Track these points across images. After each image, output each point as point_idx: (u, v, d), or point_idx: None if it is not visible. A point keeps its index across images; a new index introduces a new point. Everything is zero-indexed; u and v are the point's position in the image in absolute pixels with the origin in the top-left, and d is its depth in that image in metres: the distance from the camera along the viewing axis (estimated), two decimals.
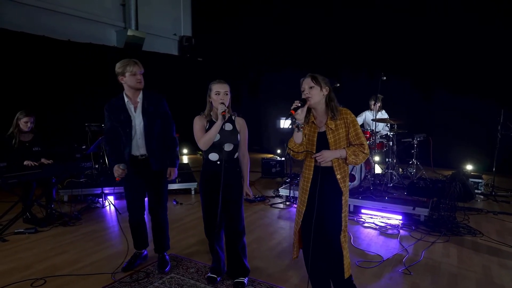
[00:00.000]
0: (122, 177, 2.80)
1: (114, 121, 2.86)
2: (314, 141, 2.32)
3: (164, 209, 3.08)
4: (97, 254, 3.37)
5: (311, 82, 2.28)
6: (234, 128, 2.65)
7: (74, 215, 4.37)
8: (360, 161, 2.28)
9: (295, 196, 5.09)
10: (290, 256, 3.35)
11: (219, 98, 2.55)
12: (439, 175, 6.54)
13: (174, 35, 10.20)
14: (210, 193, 2.65)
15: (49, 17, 7.13)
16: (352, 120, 2.30)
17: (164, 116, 2.97)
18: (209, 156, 2.64)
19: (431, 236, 3.84)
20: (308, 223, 2.36)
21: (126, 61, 2.79)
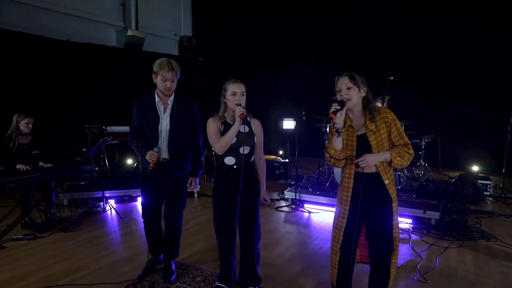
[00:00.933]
0: (157, 160, 2.63)
1: (141, 118, 2.75)
2: (353, 146, 2.16)
3: (180, 216, 2.95)
4: (99, 262, 3.23)
5: (349, 82, 2.10)
6: (250, 130, 2.50)
7: (74, 220, 4.23)
8: (406, 163, 2.12)
9: (301, 199, 4.97)
10: (300, 263, 3.23)
11: (235, 99, 2.41)
12: (445, 176, 6.43)
13: (174, 35, 10.07)
14: (227, 200, 2.50)
15: (48, 17, 6.99)
16: (393, 118, 2.14)
17: (193, 122, 2.84)
18: (225, 160, 2.49)
19: (444, 240, 3.72)
20: (352, 238, 2.20)
21: (164, 63, 2.61)
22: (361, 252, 2.40)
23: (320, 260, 3.30)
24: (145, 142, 2.74)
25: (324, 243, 3.72)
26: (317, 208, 4.85)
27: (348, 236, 2.21)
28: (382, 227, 2.19)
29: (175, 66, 2.65)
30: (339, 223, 2.24)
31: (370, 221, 2.23)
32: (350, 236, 2.20)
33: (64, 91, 6.74)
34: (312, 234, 3.97)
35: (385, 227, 2.17)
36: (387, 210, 2.16)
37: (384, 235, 2.18)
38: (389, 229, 2.18)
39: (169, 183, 2.79)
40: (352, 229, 2.19)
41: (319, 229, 4.15)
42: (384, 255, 2.20)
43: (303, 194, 4.98)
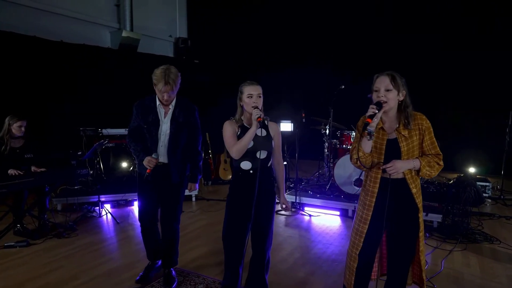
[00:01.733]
0: (153, 166, 2.57)
1: (141, 121, 2.68)
2: (382, 149, 2.06)
3: (178, 222, 2.88)
4: (96, 270, 3.12)
5: (389, 84, 1.98)
6: (268, 134, 2.42)
7: (69, 225, 4.10)
8: (434, 173, 2.03)
9: (301, 202, 4.90)
10: (304, 268, 3.15)
11: (252, 102, 2.33)
12: (443, 178, 6.41)
13: (169, 37, 9.96)
14: (241, 206, 2.40)
15: (40, 17, 6.84)
16: (428, 126, 2.04)
17: (193, 127, 2.78)
18: (241, 165, 2.39)
19: (447, 243, 3.68)
20: (372, 246, 2.11)
21: (161, 76, 2.51)
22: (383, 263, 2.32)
23: (324, 265, 3.23)
24: (144, 146, 2.67)
25: (327, 247, 3.65)
26: (317, 211, 4.78)
27: (369, 243, 2.12)
28: (405, 237, 2.09)
29: (172, 80, 2.53)
30: (360, 228, 2.14)
31: (393, 231, 2.13)
32: (370, 243, 2.12)
33: (58, 92, 6.59)
34: (314, 238, 3.90)
35: (409, 237, 2.08)
36: (413, 220, 2.07)
37: (407, 245, 2.09)
38: (412, 241, 2.09)
39: (166, 187, 2.73)
40: (373, 235, 2.10)
41: (320, 232, 4.08)
42: (403, 266, 2.13)
43: (303, 197, 4.91)
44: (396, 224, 2.10)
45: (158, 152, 2.65)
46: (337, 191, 4.92)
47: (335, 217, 4.60)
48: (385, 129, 2.08)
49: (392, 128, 2.06)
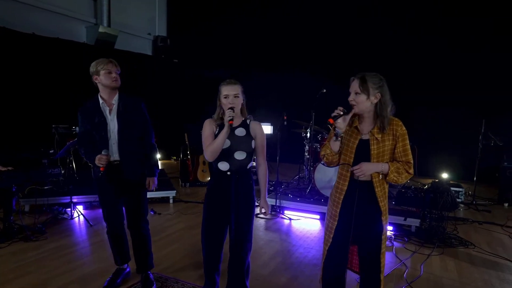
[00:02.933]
0: (106, 164, 2.48)
1: (88, 124, 2.59)
2: (353, 149, 2.06)
3: (145, 222, 2.80)
4: (68, 275, 2.93)
5: (357, 87, 1.98)
6: (247, 134, 2.33)
7: (37, 228, 3.86)
8: (401, 180, 2.03)
9: (281, 205, 4.86)
10: (286, 272, 3.10)
11: (228, 102, 2.24)
12: (418, 183, 6.57)
13: (148, 35, 9.73)
14: (218, 209, 2.32)
15: (10, 8, 6.48)
16: (403, 133, 2.03)
17: (142, 120, 2.71)
18: (219, 166, 2.31)
19: (425, 248, 3.73)
20: (342, 241, 2.11)
21: (100, 60, 2.57)
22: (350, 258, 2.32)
23: (306, 270, 3.19)
24: (94, 147, 2.57)
25: (308, 251, 3.61)
26: (297, 215, 4.76)
27: (337, 239, 2.14)
28: (370, 237, 2.12)
29: (114, 61, 2.58)
30: (330, 225, 2.18)
31: (361, 231, 2.15)
32: (339, 240, 2.13)
33: (28, 87, 6.25)
34: (295, 242, 3.86)
35: (373, 237, 2.10)
36: (377, 223, 2.09)
37: (372, 245, 2.11)
38: (376, 240, 2.10)
39: (124, 186, 2.64)
40: (342, 231, 2.11)
41: (301, 236, 4.05)
42: (372, 267, 2.13)
43: (283, 200, 4.87)
44: (362, 225, 2.12)
45: (111, 150, 2.58)
46: (317, 194, 4.92)
47: (315, 221, 4.59)
48: (360, 129, 2.09)
49: (367, 129, 2.07)
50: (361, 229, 2.13)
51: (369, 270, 2.15)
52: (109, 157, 2.52)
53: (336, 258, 2.16)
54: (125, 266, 2.91)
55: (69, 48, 7.04)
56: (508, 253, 3.67)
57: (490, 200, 5.74)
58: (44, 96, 6.40)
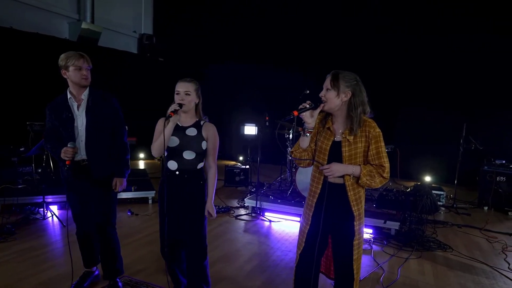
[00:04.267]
0: (72, 156, 2.36)
1: (55, 120, 2.47)
2: (326, 151, 2.01)
3: (112, 226, 2.65)
4: (33, 279, 2.81)
5: (328, 83, 1.94)
6: (198, 134, 2.28)
7: (6, 228, 3.71)
8: (375, 185, 1.95)
9: (262, 207, 4.80)
10: (262, 276, 3.04)
11: (178, 99, 2.22)
12: (401, 186, 6.59)
13: (134, 32, 9.57)
14: (167, 210, 2.26)
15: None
16: (376, 135, 1.95)
17: (113, 117, 2.58)
18: (168, 165, 2.27)
19: (404, 251, 3.72)
20: (312, 246, 2.05)
21: (70, 53, 2.43)
22: (327, 264, 2.28)
23: (282, 273, 3.13)
24: (61, 144, 2.44)
25: (286, 254, 3.56)
26: (278, 217, 4.70)
27: (309, 243, 2.08)
28: (342, 243, 2.07)
29: (85, 55, 2.46)
30: (303, 229, 2.13)
31: (333, 236, 2.12)
32: (311, 244, 2.07)
33: (4, 83, 6.05)
34: (274, 245, 3.81)
35: (345, 243, 2.05)
36: (348, 228, 2.03)
37: (343, 251, 2.06)
38: (348, 246, 2.04)
39: (91, 187, 2.52)
40: (314, 236, 2.05)
41: (280, 239, 3.99)
42: (344, 273, 2.08)
43: (264, 202, 4.81)
44: (334, 230, 2.08)
45: (78, 148, 2.46)
46: (299, 196, 4.87)
47: (295, 223, 4.54)
48: (332, 130, 2.03)
49: (340, 130, 2.01)
50: (333, 234, 2.08)
51: (342, 277, 2.10)
52: (76, 150, 2.40)
53: (308, 262, 2.11)
54: (93, 269, 2.80)
55: (50, 44, 6.85)
56: (485, 257, 3.68)
57: (471, 204, 5.79)
58: (21, 92, 6.20)
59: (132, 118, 7.65)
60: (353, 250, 2.03)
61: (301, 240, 2.13)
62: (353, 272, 2.05)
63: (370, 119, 2.00)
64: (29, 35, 6.55)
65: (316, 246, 2.02)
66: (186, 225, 2.27)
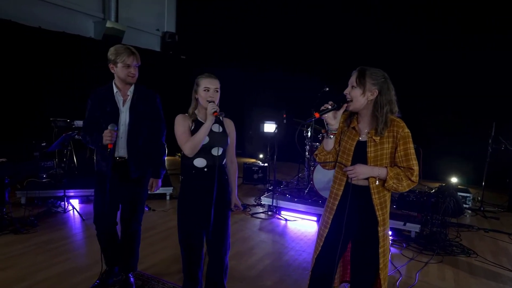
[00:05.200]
0: (114, 140, 2.33)
1: (97, 111, 2.45)
2: (351, 151, 1.90)
3: (137, 222, 2.65)
4: (49, 271, 2.89)
5: (354, 80, 1.81)
6: (224, 130, 2.25)
7: (29, 221, 3.85)
8: (402, 188, 1.83)
9: (278, 205, 4.74)
10: (273, 276, 2.99)
11: (208, 96, 2.16)
12: (425, 187, 6.34)
13: (157, 31, 9.72)
14: (196, 208, 2.21)
15: (17, 1, 6.54)
16: (404, 136, 1.82)
17: (155, 117, 2.58)
18: (195, 162, 2.21)
19: (424, 255, 3.56)
20: (330, 252, 1.94)
21: (121, 49, 2.40)
22: (346, 270, 2.18)
23: (294, 273, 3.07)
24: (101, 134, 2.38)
25: (300, 254, 3.49)
26: (294, 216, 4.63)
27: (327, 248, 1.97)
28: (366, 250, 1.95)
29: (136, 52, 2.44)
30: (321, 232, 2.02)
31: (355, 242, 2.00)
32: (329, 249, 1.96)
33: (32, 81, 6.29)
34: (288, 244, 3.75)
35: (369, 250, 1.93)
36: (372, 234, 1.91)
37: (367, 259, 1.94)
38: (372, 254, 1.92)
39: (127, 185, 2.50)
40: (333, 241, 1.94)
41: (295, 238, 3.93)
42: (364, 279, 1.98)
43: (280, 200, 4.76)
44: (357, 235, 1.97)
45: (118, 145, 2.45)
46: (316, 196, 4.78)
47: (312, 223, 4.46)
48: (358, 130, 1.91)
49: (366, 130, 1.89)
50: (354, 241, 1.98)
51: (363, 284, 1.99)
52: (117, 132, 2.36)
53: (324, 268, 2.01)
54: None
55: (75, 42, 7.06)
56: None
57: (500, 207, 5.48)
58: (45, 90, 6.42)
59: None
60: (379, 259, 1.91)
61: (318, 244, 2.03)
62: (378, 281, 1.95)
63: (399, 119, 1.88)
64: (56, 34, 6.77)
65: (337, 253, 1.91)
66: (217, 222, 2.23)
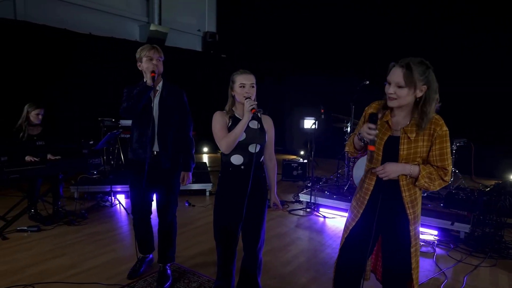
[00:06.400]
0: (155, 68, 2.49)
1: None
2: (381, 145, 1.80)
3: (172, 214, 2.75)
4: (95, 260, 3.09)
5: (401, 79, 1.63)
6: (261, 127, 2.22)
7: (80, 213, 4.15)
8: (433, 188, 1.75)
9: (317, 202, 4.66)
10: (307, 274, 2.94)
11: (244, 92, 2.15)
12: (479, 185, 5.88)
13: (198, 31, 9.98)
14: (231, 204, 2.23)
15: (70, 10, 7.06)
16: (442, 134, 1.71)
17: (183, 112, 2.67)
18: (232, 159, 2.22)
19: (474, 257, 3.30)
20: (354, 245, 1.91)
21: (143, 46, 2.57)
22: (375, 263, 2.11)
23: (330, 272, 2.96)
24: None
25: (336, 252, 3.31)
26: (333, 213, 4.52)
27: (352, 240, 1.93)
28: (396, 249, 1.86)
29: (158, 47, 2.56)
30: (348, 225, 1.98)
31: (385, 240, 1.92)
32: (354, 241, 1.93)
33: (84, 83, 6.76)
34: (325, 242, 3.67)
35: (400, 250, 1.84)
36: (403, 233, 1.82)
37: (398, 258, 1.85)
38: (404, 254, 1.82)
39: (159, 177, 2.61)
40: (360, 234, 1.89)
41: (332, 236, 3.83)
42: (397, 280, 1.88)
43: (319, 197, 4.67)
44: (387, 233, 1.87)
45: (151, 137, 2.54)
46: None
47: None
48: (391, 124, 1.80)
49: (400, 124, 1.78)
50: (385, 238, 1.90)
51: (395, 284, 1.90)
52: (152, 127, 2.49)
53: (348, 260, 1.97)
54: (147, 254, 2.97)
55: (122, 46, 7.47)
56: None
57: None
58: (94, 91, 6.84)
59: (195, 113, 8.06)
60: (411, 259, 1.82)
61: (343, 236, 2.00)
62: (411, 282, 1.85)
63: (438, 116, 1.75)
64: (105, 39, 7.20)
65: (369, 249, 1.85)
66: (251, 219, 2.24)
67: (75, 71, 6.67)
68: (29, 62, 6.13)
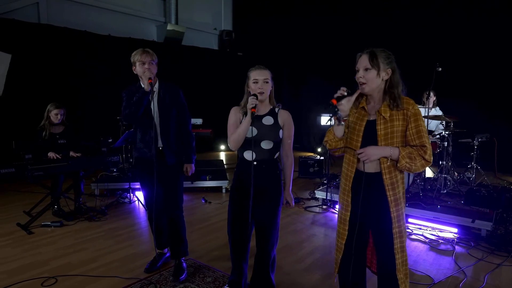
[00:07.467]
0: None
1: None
2: (360, 131, 1.87)
3: (178, 209, 2.81)
4: (114, 254, 3.19)
5: (367, 62, 1.78)
6: (275, 123, 2.22)
7: (100, 210, 4.28)
8: (416, 168, 1.78)
9: (333, 199, 4.62)
10: (321, 270, 2.94)
11: (257, 88, 2.15)
12: (503, 181, 5.68)
13: (214, 30, 10.05)
14: (243, 200, 2.24)
15: (90, 13, 7.26)
16: (415, 113, 1.80)
17: (181, 108, 2.78)
18: (244, 155, 2.24)
19: (496, 256, 3.20)
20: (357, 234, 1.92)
21: (136, 51, 2.67)
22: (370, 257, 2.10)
23: None
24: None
25: None
26: None
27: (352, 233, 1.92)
28: (381, 234, 1.88)
29: (150, 51, 2.66)
30: (343, 216, 1.97)
31: (371, 225, 1.94)
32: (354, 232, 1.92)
33: (103, 82, 6.93)
34: None
35: (384, 234, 1.87)
36: (385, 215, 1.85)
37: (384, 243, 1.87)
38: (387, 238, 1.86)
39: (164, 172, 2.68)
40: (356, 222, 1.90)
41: None
42: (385, 264, 1.89)
43: (335, 194, 4.63)
44: (371, 218, 1.89)
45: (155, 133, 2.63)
46: None
47: None
48: (367, 110, 1.88)
49: (375, 109, 1.86)
50: (371, 222, 1.93)
51: (383, 268, 1.92)
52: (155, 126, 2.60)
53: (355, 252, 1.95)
54: (165, 250, 3.03)
55: (140, 46, 7.53)
56: None
57: None
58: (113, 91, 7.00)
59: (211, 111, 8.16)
60: (394, 239, 1.84)
61: (342, 229, 1.97)
62: (394, 262, 1.84)
63: (407, 97, 1.84)
64: (123, 40, 7.37)
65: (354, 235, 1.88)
66: (263, 215, 2.25)
67: (95, 72, 6.86)
68: (52, 64, 6.35)
